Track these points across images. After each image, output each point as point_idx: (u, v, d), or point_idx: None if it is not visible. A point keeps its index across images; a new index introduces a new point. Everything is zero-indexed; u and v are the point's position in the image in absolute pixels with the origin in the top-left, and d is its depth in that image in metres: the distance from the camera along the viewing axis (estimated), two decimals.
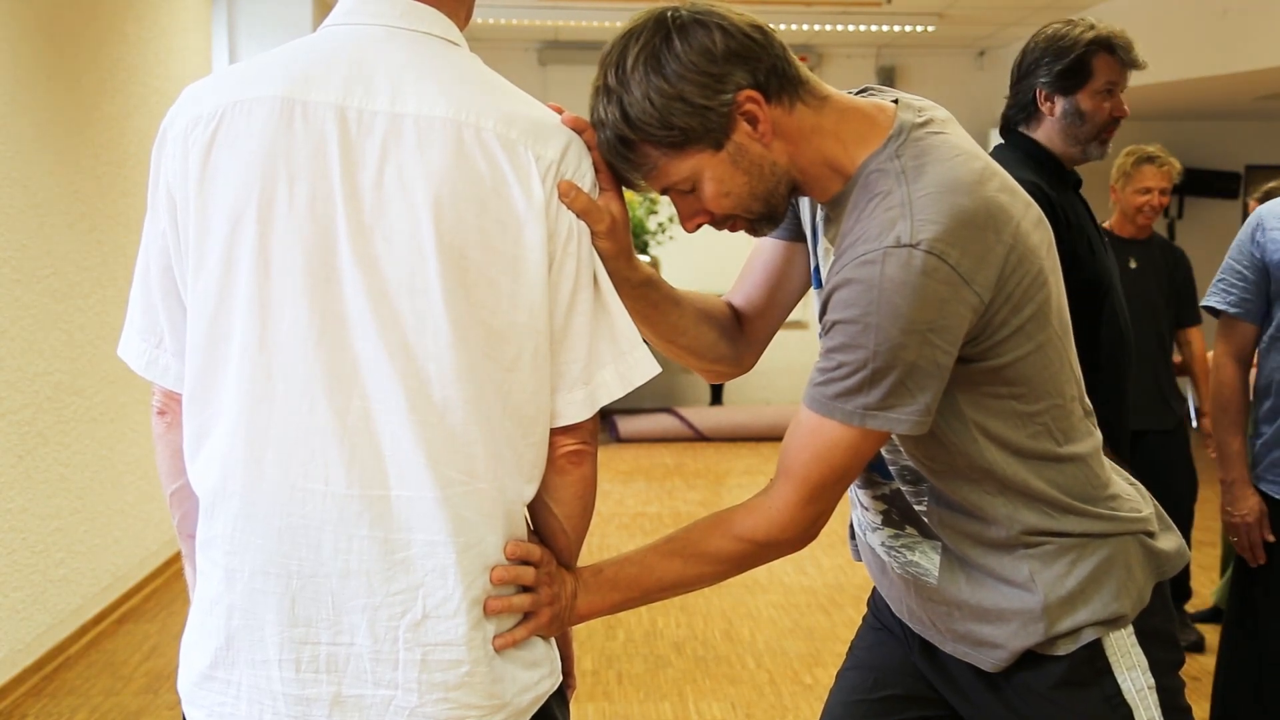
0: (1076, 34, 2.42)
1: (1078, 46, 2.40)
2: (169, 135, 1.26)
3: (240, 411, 1.22)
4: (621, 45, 1.31)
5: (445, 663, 1.22)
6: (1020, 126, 2.52)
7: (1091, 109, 2.43)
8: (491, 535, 1.24)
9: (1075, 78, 2.42)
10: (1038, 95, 2.46)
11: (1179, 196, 8.83)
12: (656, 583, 1.38)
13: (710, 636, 4.16)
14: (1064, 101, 2.44)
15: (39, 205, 3.82)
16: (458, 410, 1.21)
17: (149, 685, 3.69)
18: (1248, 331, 2.69)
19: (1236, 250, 2.69)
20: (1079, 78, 2.42)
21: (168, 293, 1.29)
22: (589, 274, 1.27)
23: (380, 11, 1.27)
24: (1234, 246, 2.70)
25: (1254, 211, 2.68)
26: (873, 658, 1.67)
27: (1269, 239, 2.61)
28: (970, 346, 1.30)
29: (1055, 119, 2.45)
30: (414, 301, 1.19)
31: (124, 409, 4.45)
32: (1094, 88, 2.42)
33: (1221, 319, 2.73)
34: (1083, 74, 2.41)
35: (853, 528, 1.67)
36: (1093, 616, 1.39)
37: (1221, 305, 2.70)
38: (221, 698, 1.26)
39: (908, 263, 1.23)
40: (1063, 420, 1.40)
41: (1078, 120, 2.43)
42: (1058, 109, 2.44)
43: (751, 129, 1.31)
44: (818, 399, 1.31)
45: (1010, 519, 1.39)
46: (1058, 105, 2.44)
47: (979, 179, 1.29)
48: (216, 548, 1.25)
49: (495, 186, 1.21)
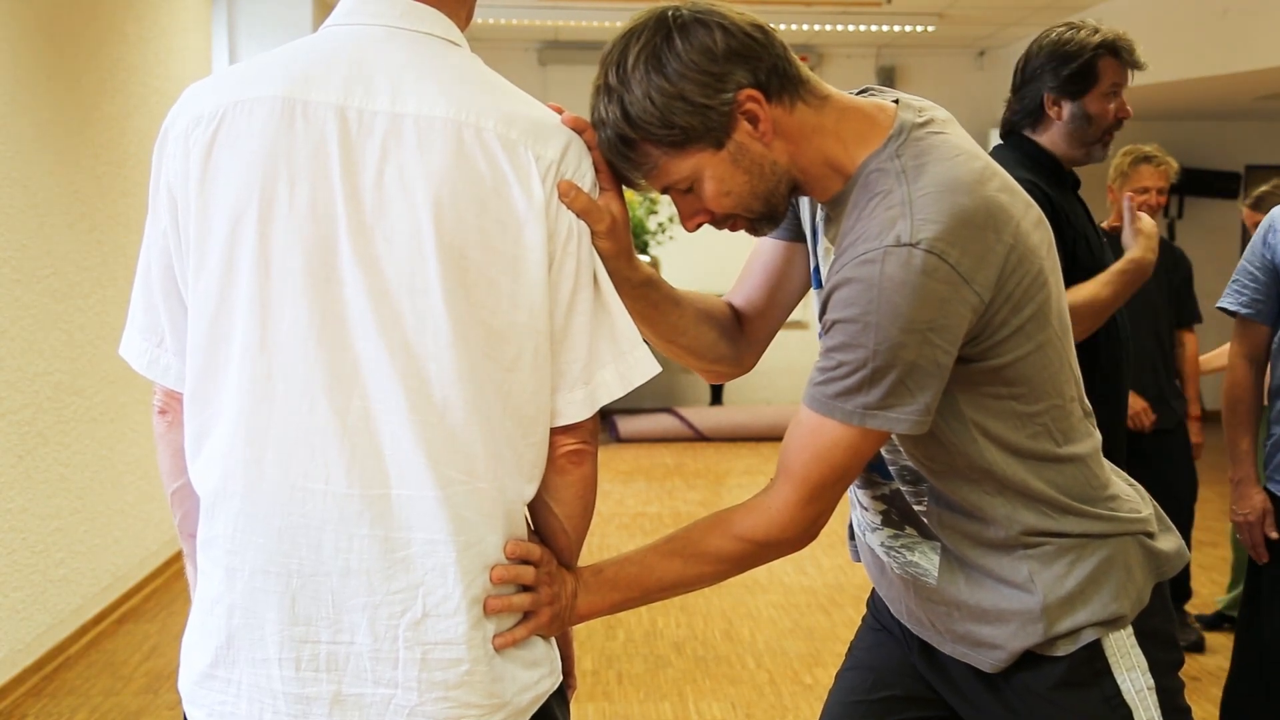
0: (1082, 38, 2.44)
1: (1085, 51, 2.43)
2: (170, 135, 1.26)
3: (241, 411, 1.22)
4: (623, 44, 1.31)
5: (445, 661, 1.23)
6: (1024, 130, 2.54)
7: (1098, 112, 2.46)
8: (491, 535, 1.25)
9: (1082, 81, 2.44)
10: (1045, 100, 2.48)
11: (1179, 197, 8.83)
12: (656, 582, 1.38)
13: (710, 636, 4.16)
14: (1071, 105, 2.46)
15: (39, 205, 3.82)
16: (458, 410, 1.21)
17: (149, 685, 3.69)
18: (1261, 332, 2.71)
19: (1250, 252, 2.72)
20: (1086, 81, 2.44)
21: (169, 292, 1.29)
22: (589, 274, 1.27)
23: (380, 12, 1.27)
24: (1248, 248, 2.73)
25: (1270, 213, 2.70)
26: (872, 658, 1.67)
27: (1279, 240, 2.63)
28: (970, 346, 1.30)
29: (1063, 123, 2.48)
30: (414, 301, 1.19)
31: (124, 409, 4.45)
32: (1100, 90, 2.45)
33: (1236, 320, 2.75)
34: (1090, 78, 2.44)
35: (852, 528, 1.67)
36: (1092, 617, 1.39)
37: (1234, 306, 2.73)
38: (222, 696, 1.26)
39: (908, 262, 1.23)
40: (1062, 421, 1.40)
41: (1085, 123, 2.46)
42: (1065, 113, 2.47)
43: (752, 128, 1.31)
44: (817, 398, 1.31)
45: (1009, 519, 1.39)
46: (1065, 109, 2.47)
47: (979, 178, 1.30)
48: (217, 547, 1.25)
49: (495, 186, 1.21)
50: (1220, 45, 6.17)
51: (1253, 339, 2.72)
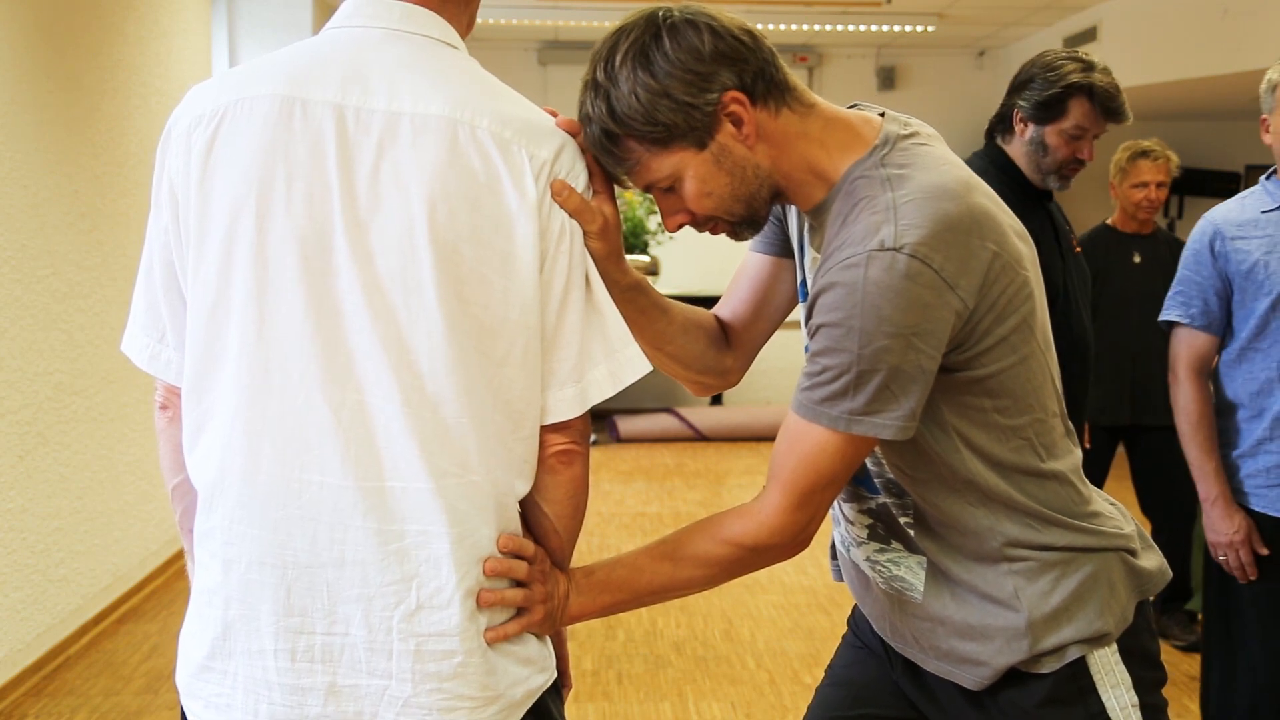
0: (1065, 71, 2.48)
1: (1059, 84, 2.47)
2: (173, 134, 1.28)
3: (238, 404, 1.23)
4: (612, 42, 1.32)
5: (439, 653, 1.23)
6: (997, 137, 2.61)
7: (1055, 145, 2.51)
8: (485, 527, 1.26)
9: (1047, 111, 2.50)
10: (1015, 113, 2.55)
11: (1178, 197, 8.83)
12: (647, 585, 1.38)
13: (710, 636, 4.16)
14: (1032, 129, 2.53)
15: (39, 205, 3.83)
16: (450, 403, 1.22)
17: (149, 685, 3.69)
18: (1210, 344, 2.61)
19: (1194, 261, 2.59)
20: (1051, 112, 2.49)
21: (170, 288, 1.31)
22: (581, 273, 1.29)
23: (379, 15, 1.29)
24: (1190, 257, 2.60)
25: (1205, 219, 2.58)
26: (851, 675, 1.66)
27: (1231, 248, 2.52)
28: (955, 354, 1.30)
29: (1023, 141, 2.55)
30: (407, 296, 1.21)
31: (124, 409, 4.45)
32: (1062, 127, 2.49)
33: (1178, 331, 2.64)
34: (1055, 110, 2.49)
35: (834, 547, 1.66)
36: (1077, 634, 1.38)
37: (1183, 318, 2.62)
38: (219, 688, 1.27)
39: (891, 266, 1.23)
40: (1045, 435, 1.40)
41: (1040, 150, 2.52)
42: (1026, 133, 2.54)
43: (735, 130, 1.32)
44: (804, 404, 1.31)
45: (993, 530, 1.38)
46: (1027, 130, 2.53)
47: (965, 186, 1.30)
48: (214, 539, 1.26)
49: (489, 184, 1.22)
50: (1220, 45, 6.17)
51: (1201, 351, 2.61)
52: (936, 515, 1.41)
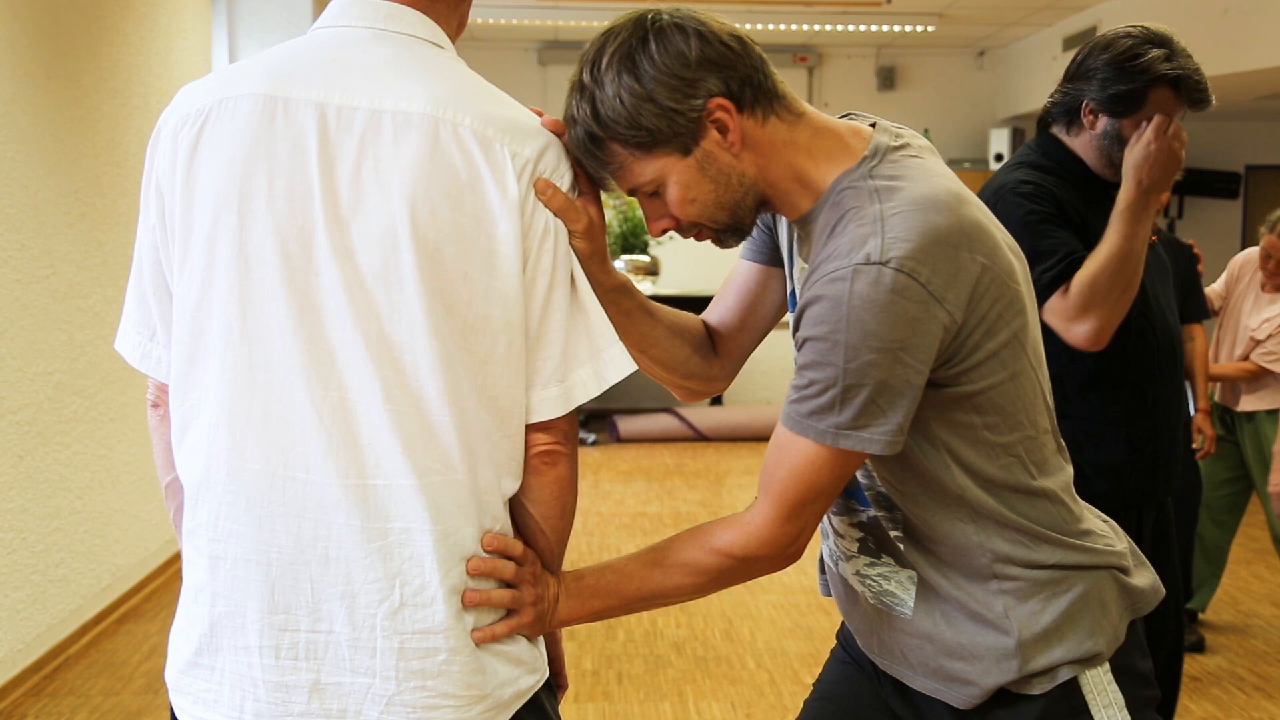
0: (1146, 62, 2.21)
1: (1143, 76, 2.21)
2: (162, 134, 1.29)
3: (222, 401, 1.24)
4: (599, 44, 1.31)
5: (422, 651, 1.23)
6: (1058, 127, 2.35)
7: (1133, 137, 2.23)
8: (468, 525, 1.25)
9: (1126, 104, 2.23)
10: (1084, 105, 2.28)
11: (1179, 196, 8.83)
12: (635, 592, 1.37)
13: (710, 636, 4.16)
14: (1107, 122, 2.26)
15: (39, 205, 3.83)
16: (433, 400, 1.22)
17: (149, 685, 3.69)
18: None
19: None
20: (1130, 105, 2.23)
21: (159, 286, 1.31)
22: (565, 272, 1.28)
23: (365, 15, 1.29)
24: None
25: None
26: (840, 690, 1.63)
27: None
28: (944, 369, 1.29)
29: (1095, 135, 2.28)
30: (389, 293, 1.21)
31: (124, 409, 4.45)
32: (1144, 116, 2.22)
33: None
34: (1135, 103, 2.22)
35: (822, 561, 1.65)
36: (1068, 655, 1.37)
37: None
38: (206, 684, 1.27)
39: (877, 281, 1.22)
40: (1035, 453, 1.38)
41: (1116, 144, 2.26)
42: (1099, 126, 2.27)
43: (721, 137, 1.31)
44: (792, 416, 1.30)
45: (982, 547, 1.37)
46: (1100, 123, 2.27)
47: (956, 198, 1.29)
48: (201, 535, 1.27)
49: (470, 182, 1.22)
50: (1220, 45, 6.17)
51: None
52: (926, 530, 1.39)
